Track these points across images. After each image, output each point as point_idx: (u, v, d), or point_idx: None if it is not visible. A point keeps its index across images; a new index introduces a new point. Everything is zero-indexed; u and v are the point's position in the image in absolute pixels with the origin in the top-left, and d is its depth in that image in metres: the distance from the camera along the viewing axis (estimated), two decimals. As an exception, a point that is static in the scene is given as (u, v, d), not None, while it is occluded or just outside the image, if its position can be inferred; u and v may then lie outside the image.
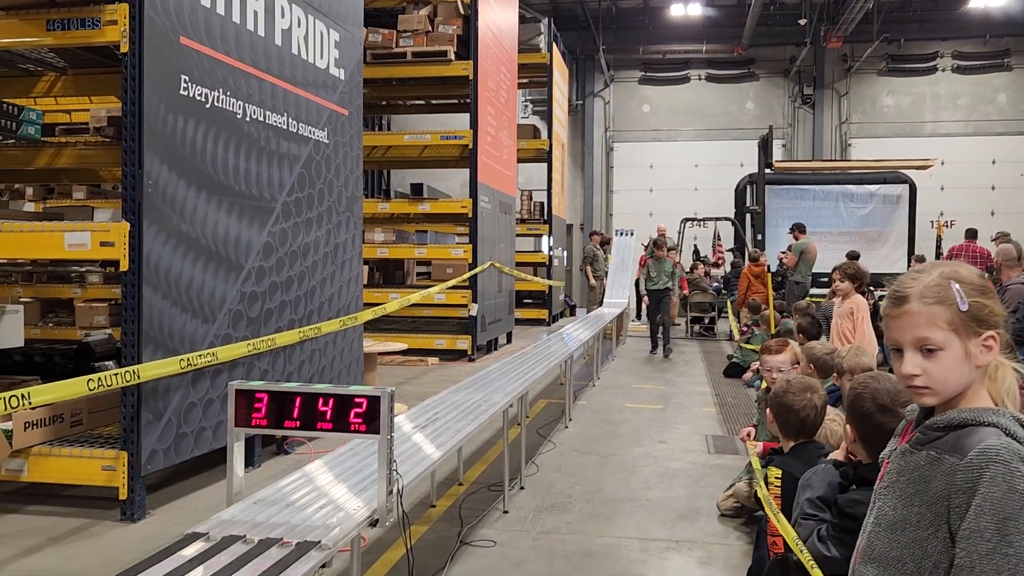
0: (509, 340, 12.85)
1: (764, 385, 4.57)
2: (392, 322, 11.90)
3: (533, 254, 16.80)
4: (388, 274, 12.65)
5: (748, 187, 19.27)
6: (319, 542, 2.32)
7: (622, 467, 5.62)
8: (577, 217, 21.90)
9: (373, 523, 2.61)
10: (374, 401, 2.58)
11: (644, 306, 12.50)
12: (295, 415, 2.65)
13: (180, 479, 5.12)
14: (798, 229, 13.38)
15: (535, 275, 15.33)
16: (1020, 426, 1.39)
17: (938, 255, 18.51)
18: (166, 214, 4.46)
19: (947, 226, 19.31)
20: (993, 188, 20.77)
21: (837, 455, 2.55)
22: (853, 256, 14.78)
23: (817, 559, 2.37)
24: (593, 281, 16.31)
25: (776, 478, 2.68)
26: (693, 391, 8.85)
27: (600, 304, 14.21)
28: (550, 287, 15.91)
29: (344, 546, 2.63)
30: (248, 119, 5.22)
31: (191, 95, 4.66)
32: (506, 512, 4.58)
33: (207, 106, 4.81)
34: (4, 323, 7.11)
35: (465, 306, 10.88)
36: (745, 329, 10.40)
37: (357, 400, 2.60)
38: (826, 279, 14.92)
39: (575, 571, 3.76)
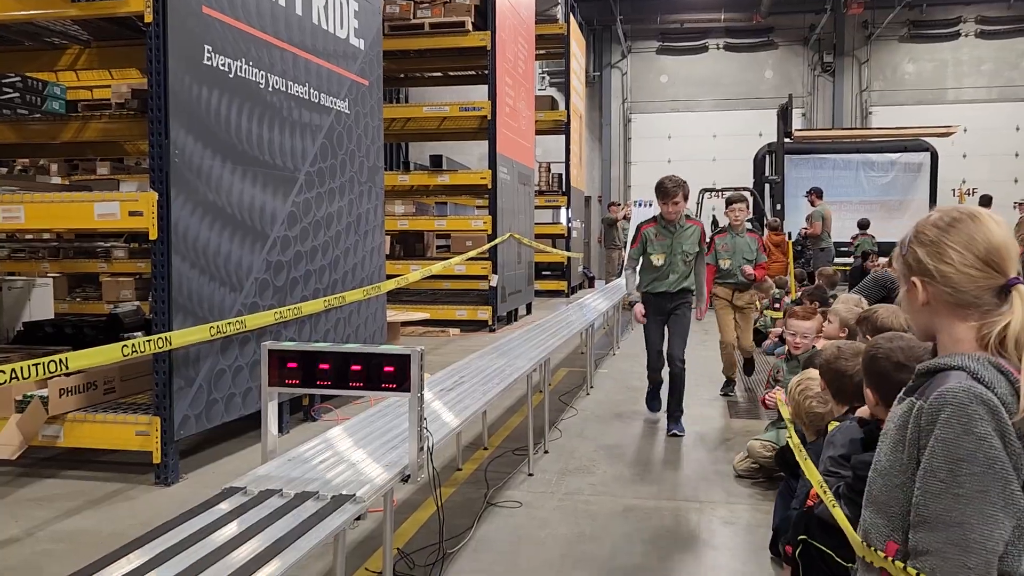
0: (529, 311, 12.89)
1: (787, 350, 4.58)
2: (413, 294, 11.98)
3: (551, 226, 16.78)
4: (408, 246, 12.72)
5: (767, 157, 19.08)
6: (354, 495, 2.38)
7: (644, 432, 5.67)
8: (595, 189, 21.82)
9: (405, 479, 2.67)
10: (404, 359, 2.63)
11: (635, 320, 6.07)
12: (327, 375, 2.70)
13: (210, 445, 5.22)
14: (815, 193, 13.31)
15: (553, 247, 15.34)
16: (995, 370, 1.38)
17: (961, 223, 18.28)
18: (193, 184, 4.51)
19: (969, 194, 19.10)
20: (1017, 155, 20.45)
21: (863, 412, 2.57)
22: (863, 224, 14.66)
23: (829, 517, 2.41)
24: (611, 251, 16.30)
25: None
26: (712, 358, 8.83)
27: (619, 275, 14.23)
28: (569, 259, 15.92)
29: (376, 504, 2.70)
30: (270, 89, 5.25)
31: (214, 65, 4.69)
32: (531, 475, 4.64)
33: (230, 76, 4.84)
34: (34, 296, 7.26)
35: (485, 278, 10.93)
36: (777, 302, 10.28)
37: (387, 359, 2.65)
38: (845, 248, 14.91)
39: (600, 530, 3.82)
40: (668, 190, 5.58)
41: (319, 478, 2.56)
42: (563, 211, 16.53)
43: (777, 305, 9.91)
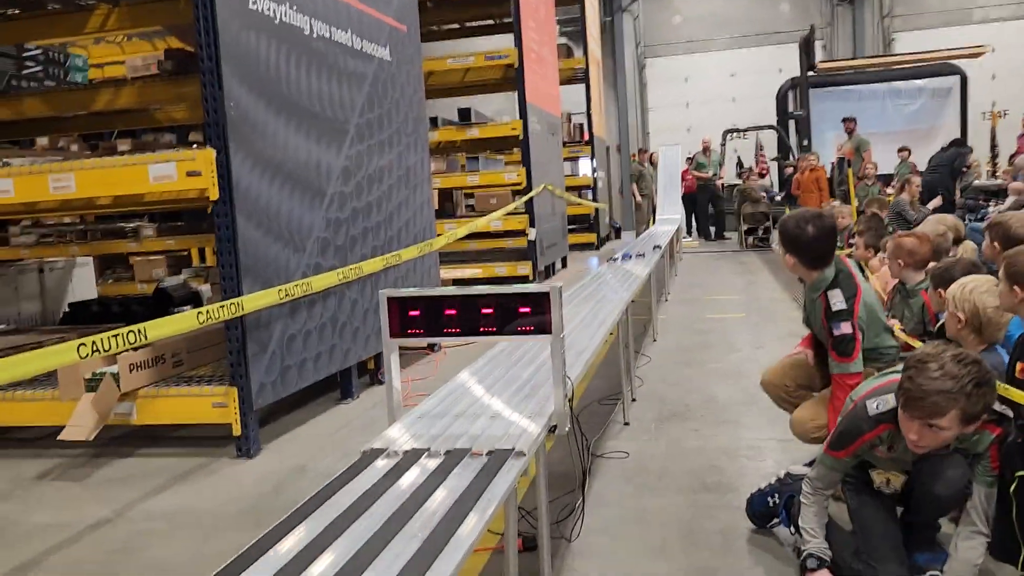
0: (564, 264, 12.62)
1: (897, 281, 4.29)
2: (445, 256, 11.65)
3: (573, 178, 16.40)
4: (439, 206, 12.39)
5: (790, 92, 18.56)
6: (513, 449, 2.14)
7: (727, 374, 5.42)
8: (612, 138, 21.34)
9: (552, 429, 2.43)
10: (543, 299, 2.36)
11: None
12: (454, 321, 2.44)
13: (280, 415, 5.01)
14: (854, 122, 12.96)
15: (580, 198, 15.00)
16: None
17: (993, 147, 17.82)
18: (250, 138, 4.23)
19: (1002, 116, 18.54)
20: (1048, 73, 19.83)
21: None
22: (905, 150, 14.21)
23: None
24: (640, 199, 15.98)
25: None
26: (770, 298, 8.59)
27: (651, 223, 13.90)
28: (596, 210, 15.59)
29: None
30: (315, 36, 4.93)
31: (260, 10, 4.37)
32: (627, 424, 4.41)
33: (276, 22, 4.52)
34: (76, 277, 7.04)
35: (517, 235, 10.64)
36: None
37: (523, 299, 2.39)
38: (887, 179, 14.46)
39: (720, 476, 3.59)
40: None
41: (463, 434, 2.31)
42: (588, 161, 16.16)
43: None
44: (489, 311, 2.42)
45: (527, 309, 2.39)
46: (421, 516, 1.75)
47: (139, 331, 3.33)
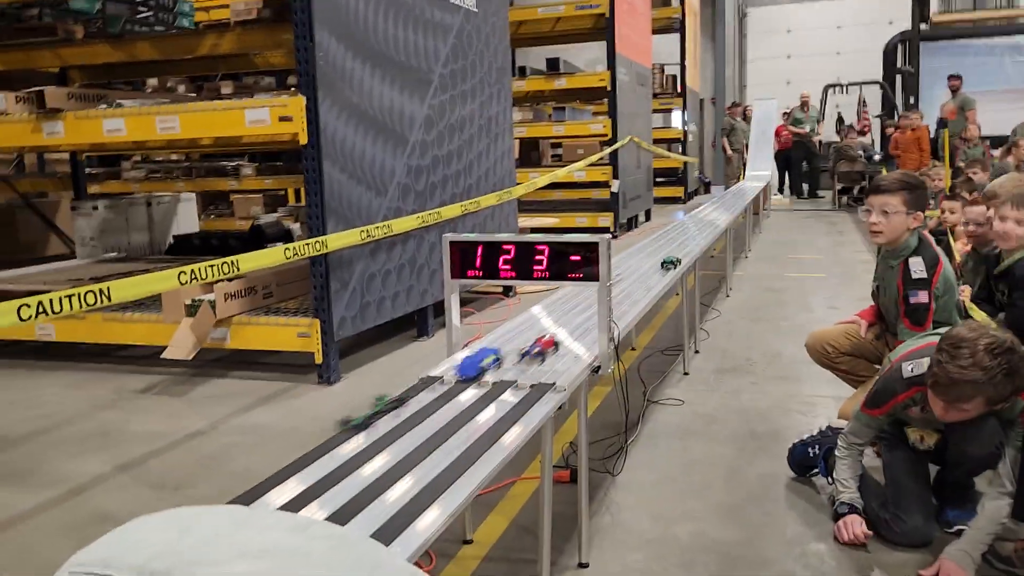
0: (648, 218, 12.61)
1: (969, 246, 4.24)
2: (528, 204, 11.84)
3: (665, 130, 16.19)
4: (524, 155, 12.54)
5: (899, 46, 17.68)
6: (554, 384, 2.33)
7: (796, 332, 5.44)
8: (708, 90, 20.84)
9: (595, 370, 2.61)
10: (592, 248, 2.52)
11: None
12: (511, 265, 2.63)
13: (359, 349, 5.35)
14: (958, 79, 12.36)
15: (668, 151, 14.84)
16: None
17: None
18: (338, 86, 4.47)
19: None
20: None
21: None
22: None
23: None
24: (730, 153, 15.68)
25: None
26: (854, 259, 8.44)
27: (741, 178, 13.67)
28: (685, 164, 15.40)
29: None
30: (403, -13, 5.10)
31: (351, -38, 4.57)
32: (686, 374, 4.55)
33: (366, -26, 4.72)
34: (180, 211, 7.55)
35: (601, 186, 10.69)
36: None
37: (574, 248, 2.55)
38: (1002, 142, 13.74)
39: (770, 426, 3.70)
40: None
41: (510, 368, 2.52)
42: (679, 114, 15.91)
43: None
44: (542, 257, 2.60)
45: (578, 257, 2.56)
46: (464, 432, 1.98)
47: (232, 263, 3.66)
